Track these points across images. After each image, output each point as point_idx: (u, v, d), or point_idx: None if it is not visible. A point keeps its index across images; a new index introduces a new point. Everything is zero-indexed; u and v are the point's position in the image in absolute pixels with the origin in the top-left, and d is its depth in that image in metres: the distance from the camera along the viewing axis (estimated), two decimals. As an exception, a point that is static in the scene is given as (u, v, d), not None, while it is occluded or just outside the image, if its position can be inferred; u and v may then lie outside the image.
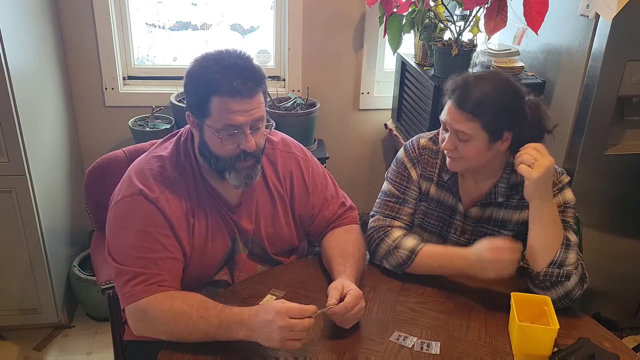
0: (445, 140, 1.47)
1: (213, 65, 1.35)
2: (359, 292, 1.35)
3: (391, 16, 2.34)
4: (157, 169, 1.44)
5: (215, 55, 1.37)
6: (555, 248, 1.42)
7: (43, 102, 2.34)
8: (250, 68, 1.36)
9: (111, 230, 1.41)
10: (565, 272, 1.41)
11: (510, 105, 1.42)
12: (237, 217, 1.53)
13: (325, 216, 1.64)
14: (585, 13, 2.03)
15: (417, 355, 1.31)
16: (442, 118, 1.48)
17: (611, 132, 2.14)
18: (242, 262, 1.57)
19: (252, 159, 1.42)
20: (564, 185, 1.52)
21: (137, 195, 1.39)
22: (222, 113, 1.34)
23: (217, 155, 1.40)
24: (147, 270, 1.35)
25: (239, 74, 1.33)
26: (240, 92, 1.33)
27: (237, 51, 1.39)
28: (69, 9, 2.49)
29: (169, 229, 1.40)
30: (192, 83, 1.38)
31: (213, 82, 1.33)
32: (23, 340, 2.43)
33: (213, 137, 1.37)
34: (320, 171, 1.66)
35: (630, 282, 2.41)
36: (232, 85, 1.32)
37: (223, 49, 1.39)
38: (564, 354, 1.26)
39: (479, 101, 1.40)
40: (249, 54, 1.40)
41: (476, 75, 1.48)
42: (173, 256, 1.40)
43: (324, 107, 2.74)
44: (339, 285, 1.36)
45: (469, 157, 1.46)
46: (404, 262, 1.54)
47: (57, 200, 2.44)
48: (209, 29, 2.82)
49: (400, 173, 1.64)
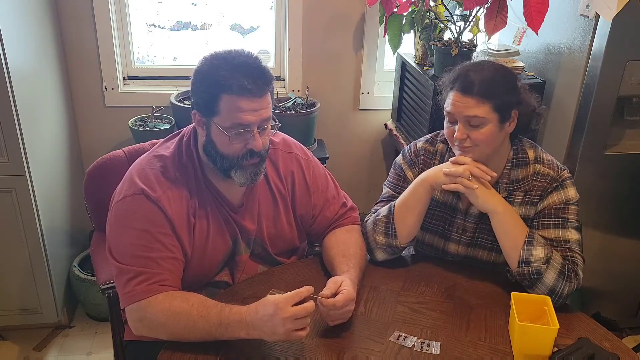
0: (456, 131, 1.47)
1: (223, 64, 1.35)
2: (353, 295, 1.35)
3: (391, 16, 2.34)
4: (159, 168, 1.44)
5: (225, 55, 1.38)
6: (519, 247, 1.44)
7: (43, 102, 2.34)
8: (261, 68, 1.37)
9: (112, 230, 1.41)
10: (534, 269, 1.42)
11: (512, 84, 1.47)
12: (239, 217, 1.53)
13: (327, 216, 1.64)
14: (585, 13, 2.03)
15: (417, 355, 1.31)
16: (448, 109, 1.48)
17: (611, 132, 2.14)
18: (243, 263, 1.57)
19: (257, 157, 1.43)
20: (565, 181, 1.52)
21: (138, 195, 1.39)
22: (232, 111, 1.34)
23: (223, 154, 1.41)
24: (148, 269, 1.35)
25: (250, 73, 1.34)
26: (251, 91, 1.33)
27: (246, 51, 1.39)
28: (69, 9, 2.49)
29: (170, 229, 1.40)
30: (202, 81, 1.38)
31: (223, 80, 1.33)
32: (23, 340, 2.43)
33: (221, 135, 1.37)
34: (321, 171, 1.66)
35: (630, 282, 2.41)
36: (242, 83, 1.32)
37: (232, 49, 1.39)
38: (564, 354, 1.26)
39: (485, 83, 1.42)
40: (258, 55, 1.40)
41: (473, 63, 1.52)
42: (174, 256, 1.40)
43: (324, 107, 2.74)
44: (339, 281, 1.37)
45: (482, 142, 1.46)
46: (387, 221, 1.56)
47: (57, 200, 2.44)
48: (209, 29, 2.82)
49: (398, 175, 1.67)
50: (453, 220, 1.62)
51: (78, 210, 2.60)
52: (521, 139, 1.57)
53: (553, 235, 1.48)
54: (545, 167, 1.53)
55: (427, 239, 1.68)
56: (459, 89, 1.44)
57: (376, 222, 1.59)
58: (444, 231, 1.65)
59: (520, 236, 1.46)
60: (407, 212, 1.56)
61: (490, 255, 1.61)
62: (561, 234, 1.48)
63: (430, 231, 1.66)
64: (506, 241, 1.48)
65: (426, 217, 1.65)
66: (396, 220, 1.56)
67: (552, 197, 1.51)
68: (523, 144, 1.56)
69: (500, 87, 1.43)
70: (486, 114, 1.42)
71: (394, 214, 1.57)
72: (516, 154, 1.55)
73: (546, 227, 1.50)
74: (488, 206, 1.47)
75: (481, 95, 1.41)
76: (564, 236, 1.48)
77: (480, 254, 1.62)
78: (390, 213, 1.57)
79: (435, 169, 1.54)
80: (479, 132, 1.45)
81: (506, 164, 1.55)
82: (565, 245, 1.47)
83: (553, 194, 1.51)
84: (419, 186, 1.54)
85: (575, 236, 1.49)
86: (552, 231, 1.49)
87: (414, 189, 1.55)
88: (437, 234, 1.66)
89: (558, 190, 1.51)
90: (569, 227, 1.49)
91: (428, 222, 1.66)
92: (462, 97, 1.43)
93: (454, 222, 1.62)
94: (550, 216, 1.50)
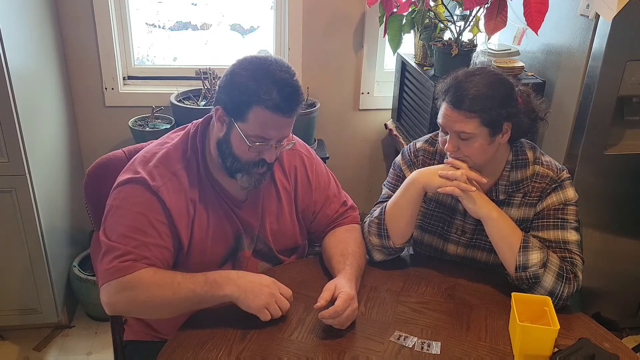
0: (447, 142, 1.47)
1: (265, 76, 1.35)
2: (350, 294, 1.35)
3: (391, 16, 2.34)
4: (162, 160, 1.45)
5: (267, 65, 1.37)
6: (515, 253, 1.44)
7: (43, 102, 2.33)
8: (297, 88, 1.39)
9: (109, 212, 1.42)
10: (531, 273, 1.42)
11: (504, 96, 1.43)
12: (242, 213, 1.53)
13: (327, 214, 1.65)
14: (585, 13, 2.03)
15: (418, 355, 1.31)
16: (440, 121, 1.48)
17: (611, 132, 2.14)
18: (245, 259, 1.57)
19: (266, 167, 1.46)
20: (563, 182, 1.52)
21: (139, 183, 1.40)
22: (259, 124, 1.37)
23: (237, 157, 1.42)
24: (137, 251, 1.36)
25: (287, 93, 1.36)
26: (283, 110, 1.36)
27: (285, 65, 1.40)
28: (69, 9, 2.49)
29: (167, 218, 1.41)
30: (239, 87, 1.37)
31: (261, 93, 1.34)
32: (23, 340, 2.43)
33: (240, 140, 1.39)
34: (323, 170, 1.67)
35: (630, 282, 2.41)
36: (278, 102, 1.34)
37: (272, 59, 1.40)
38: (564, 354, 1.26)
39: (474, 97, 1.40)
40: (294, 70, 1.41)
41: (466, 72, 1.48)
42: (165, 245, 1.41)
43: (324, 107, 2.74)
44: (332, 287, 1.37)
45: (473, 155, 1.46)
46: (379, 222, 1.56)
47: (57, 200, 2.44)
48: (209, 29, 2.82)
49: (397, 175, 1.67)
50: (452, 221, 1.62)
51: (78, 210, 2.60)
52: (521, 140, 1.57)
53: (552, 236, 1.48)
54: (544, 168, 1.53)
55: (426, 240, 1.68)
56: (449, 102, 1.43)
57: (370, 224, 1.60)
58: (442, 232, 1.65)
59: (515, 241, 1.45)
60: (399, 212, 1.55)
61: (489, 257, 1.61)
62: (560, 235, 1.48)
63: (429, 232, 1.66)
64: (502, 246, 1.47)
65: (425, 217, 1.65)
66: (388, 221, 1.56)
67: (551, 198, 1.51)
68: (523, 145, 1.56)
69: (491, 102, 1.41)
70: (474, 129, 1.41)
71: (385, 215, 1.57)
72: (516, 155, 1.54)
73: (545, 229, 1.50)
74: (483, 211, 1.47)
75: (470, 111, 1.40)
76: (564, 237, 1.48)
77: (479, 255, 1.62)
78: (382, 214, 1.58)
79: (428, 170, 1.53)
80: (468, 146, 1.44)
81: (505, 166, 1.54)
82: (565, 246, 1.47)
83: (552, 194, 1.51)
84: (410, 186, 1.53)
85: (574, 237, 1.48)
86: (551, 232, 1.49)
87: (405, 190, 1.54)
88: (436, 235, 1.66)
89: (557, 191, 1.51)
90: (568, 227, 1.49)
91: (427, 223, 1.66)
92: (451, 111, 1.43)
93: (453, 223, 1.62)
94: (550, 217, 1.50)
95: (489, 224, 1.48)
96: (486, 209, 1.47)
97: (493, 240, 1.49)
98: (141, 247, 1.36)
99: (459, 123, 1.42)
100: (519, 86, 1.49)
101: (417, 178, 1.52)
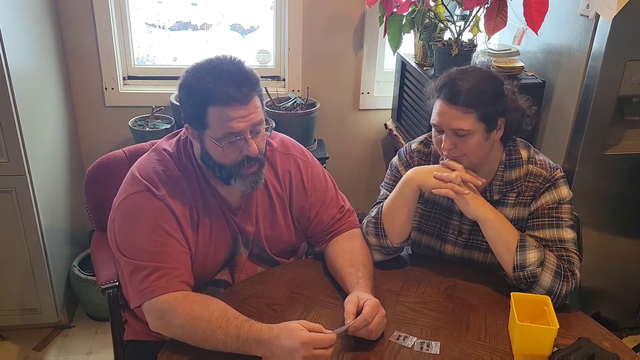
0: (443, 141, 1.47)
1: (205, 75, 1.33)
2: (376, 301, 1.34)
3: (391, 16, 2.34)
4: (161, 168, 1.44)
5: (207, 65, 1.36)
6: (512, 253, 1.44)
7: (43, 102, 2.34)
8: (244, 73, 1.35)
9: (121, 228, 1.40)
10: (529, 272, 1.42)
11: (497, 92, 1.45)
12: (238, 219, 1.53)
13: (324, 220, 1.63)
14: (585, 13, 2.03)
15: (417, 355, 1.31)
16: (434, 121, 1.47)
17: (611, 132, 2.14)
18: (242, 263, 1.57)
19: (255, 163, 1.42)
20: (557, 180, 1.51)
21: (144, 192, 1.39)
22: (221, 122, 1.33)
23: (220, 164, 1.40)
24: (165, 264, 1.34)
25: (233, 81, 1.32)
26: (236, 99, 1.32)
27: (228, 57, 1.37)
28: (69, 9, 2.49)
29: (177, 225, 1.40)
30: (188, 95, 1.37)
31: (208, 92, 1.31)
32: (23, 340, 2.43)
33: (215, 147, 1.37)
34: (320, 173, 1.65)
35: (630, 282, 2.41)
36: (227, 93, 1.31)
37: (213, 57, 1.38)
38: (564, 353, 1.26)
39: (469, 92, 1.41)
40: (240, 58, 1.38)
41: (458, 70, 1.49)
42: (185, 250, 1.40)
43: (324, 107, 2.74)
44: (355, 299, 1.34)
45: (470, 152, 1.46)
46: (376, 221, 1.56)
47: (57, 200, 2.44)
48: (209, 29, 2.82)
49: (394, 176, 1.67)
50: (449, 222, 1.62)
51: (78, 210, 2.60)
52: (514, 139, 1.56)
53: (548, 235, 1.48)
54: (537, 168, 1.53)
55: (423, 240, 1.68)
56: (445, 98, 1.43)
57: (367, 224, 1.60)
58: (440, 233, 1.64)
59: (512, 241, 1.45)
60: (395, 212, 1.55)
61: (486, 257, 1.61)
62: (556, 233, 1.48)
63: (427, 233, 1.66)
64: (499, 247, 1.47)
65: (422, 218, 1.65)
66: (384, 220, 1.56)
67: (545, 197, 1.51)
68: (516, 145, 1.56)
69: (486, 97, 1.42)
70: (471, 126, 1.42)
71: (381, 214, 1.57)
72: (509, 155, 1.54)
73: (541, 228, 1.50)
74: (478, 213, 1.47)
75: (467, 105, 1.40)
76: (559, 236, 1.48)
77: (476, 255, 1.62)
78: (379, 214, 1.58)
79: (424, 169, 1.53)
80: (465, 143, 1.44)
81: (499, 166, 1.54)
82: (561, 245, 1.47)
83: (546, 194, 1.51)
84: (405, 185, 1.53)
85: (570, 235, 1.49)
86: (546, 231, 1.49)
87: (401, 189, 1.54)
88: (433, 236, 1.66)
89: (551, 190, 1.51)
90: (564, 226, 1.49)
91: (424, 224, 1.66)
92: (448, 108, 1.43)
93: (450, 224, 1.62)
94: (544, 216, 1.50)
95: (485, 225, 1.48)
96: (481, 211, 1.47)
97: (490, 240, 1.49)
98: (167, 259, 1.35)
99: (455, 120, 1.42)
100: (505, 84, 1.50)
101: (412, 177, 1.52)
